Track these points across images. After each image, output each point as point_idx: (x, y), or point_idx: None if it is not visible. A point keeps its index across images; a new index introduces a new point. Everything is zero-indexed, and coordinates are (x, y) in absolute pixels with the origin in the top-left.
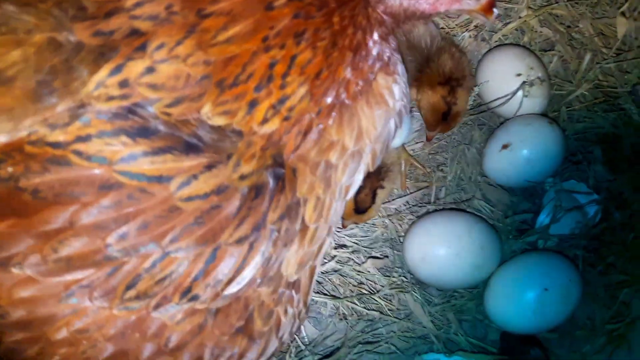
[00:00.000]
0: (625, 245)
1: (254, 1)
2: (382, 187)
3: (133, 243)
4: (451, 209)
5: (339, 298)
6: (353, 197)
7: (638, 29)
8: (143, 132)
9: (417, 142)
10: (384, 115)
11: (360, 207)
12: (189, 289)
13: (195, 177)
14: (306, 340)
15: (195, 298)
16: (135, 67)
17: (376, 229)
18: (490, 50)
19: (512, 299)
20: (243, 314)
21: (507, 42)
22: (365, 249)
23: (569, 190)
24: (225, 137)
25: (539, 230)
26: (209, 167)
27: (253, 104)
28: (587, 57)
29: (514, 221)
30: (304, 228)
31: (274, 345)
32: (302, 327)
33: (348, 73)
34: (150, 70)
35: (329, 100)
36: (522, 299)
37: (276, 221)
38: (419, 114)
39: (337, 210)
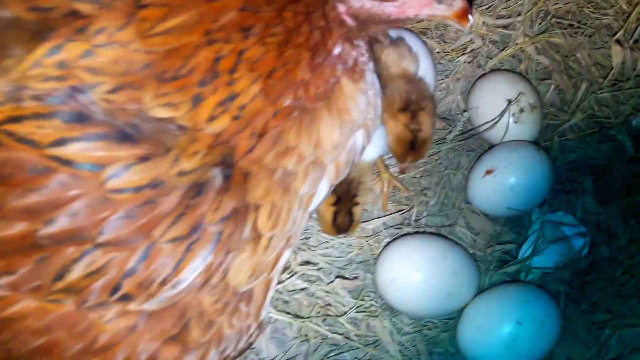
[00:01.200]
0: (612, 282)
1: None
2: (356, 205)
3: (62, 231)
4: (428, 232)
5: (303, 318)
6: (331, 222)
7: (635, 59)
8: (77, 117)
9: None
10: (347, 125)
11: (342, 229)
12: (118, 287)
13: (127, 168)
14: None
15: (126, 298)
16: (75, 49)
17: (352, 249)
18: (482, 75)
19: (485, 332)
20: (178, 321)
21: (503, 68)
22: (337, 269)
23: (555, 221)
24: (167, 130)
25: (519, 261)
26: (144, 159)
27: (197, 99)
28: (583, 86)
29: (496, 251)
30: (257, 236)
31: (213, 358)
32: (263, 346)
33: (306, 74)
34: (89, 53)
35: (286, 102)
36: (495, 332)
37: (217, 223)
38: None
39: (297, 220)
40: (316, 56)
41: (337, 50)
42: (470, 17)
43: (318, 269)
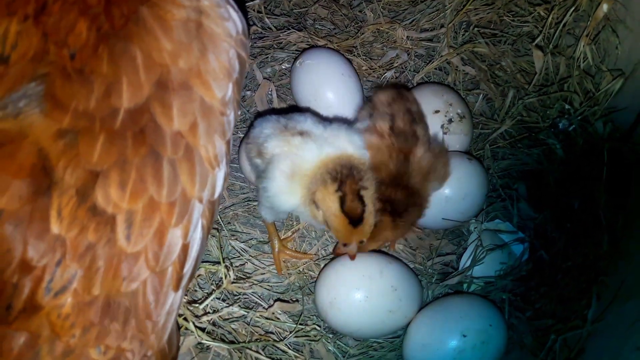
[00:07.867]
0: (553, 287)
1: None
2: (365, 189)
3: None
4: None
5: (241, 345)
6: (340, 208)
7: (557, 63)
8: None
9: None
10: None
11: (353, 216)
12: None
13: None
14: None
15: None
16: None
17: (290, 274)
18: (410, 89)
19: (431, 348)
20: (25, 349)
21: (431, 81)
22: (276, 294)
23: (493, 229)
24: None
25: (460, 272)
26: None
27: None
28: (510, 93)
29: (436, 264)
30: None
31: None
32: None
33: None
34: None
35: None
36: (441, 347)
37: None
38: None
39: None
40: None
41: None
42: None
43: (255, 296)
